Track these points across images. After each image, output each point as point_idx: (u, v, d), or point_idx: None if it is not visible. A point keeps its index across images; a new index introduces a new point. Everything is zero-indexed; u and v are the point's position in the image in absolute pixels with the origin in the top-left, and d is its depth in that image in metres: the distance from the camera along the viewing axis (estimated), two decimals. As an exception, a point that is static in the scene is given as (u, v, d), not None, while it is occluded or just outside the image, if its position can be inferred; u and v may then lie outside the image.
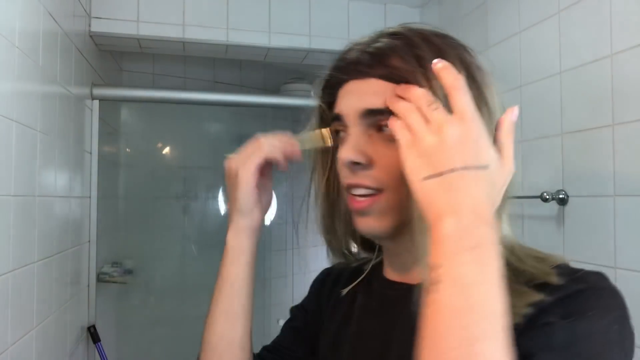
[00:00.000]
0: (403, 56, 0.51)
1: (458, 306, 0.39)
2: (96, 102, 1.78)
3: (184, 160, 2.76)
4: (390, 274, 0.62)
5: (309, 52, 2.00)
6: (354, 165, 0.53)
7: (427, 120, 0.45)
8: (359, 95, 0.53)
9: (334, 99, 0.58)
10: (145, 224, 2.51)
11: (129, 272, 2.13)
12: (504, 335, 0.38)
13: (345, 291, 0.66)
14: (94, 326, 1.76)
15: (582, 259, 1.24)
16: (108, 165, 2.16)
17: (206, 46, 1.93)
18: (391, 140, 0.50)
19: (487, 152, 0.45)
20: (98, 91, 1.79)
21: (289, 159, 0.63)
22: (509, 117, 0.50)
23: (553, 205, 1.32)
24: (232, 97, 2.14)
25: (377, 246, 0.65)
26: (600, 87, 1.19)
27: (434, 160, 0.43)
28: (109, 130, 2.17)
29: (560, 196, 1.29)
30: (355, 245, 0.66)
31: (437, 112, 0.44)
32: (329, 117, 0.60)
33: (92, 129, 1.77)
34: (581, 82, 1.25)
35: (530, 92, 1.44)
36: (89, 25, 1.74)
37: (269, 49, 1.97)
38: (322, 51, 1.99)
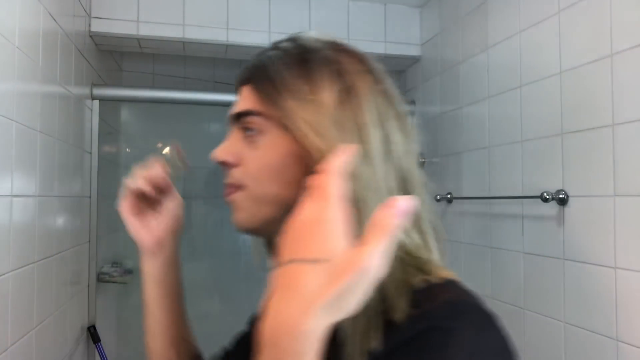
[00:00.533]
0: (270, 67, 0.54)
1: None
2: (96, 102, 1.79)
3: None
4: None
5: (309, 52, 2.00)
6: (222, 165, 0.56)
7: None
8: (236, 101, 0.58)
9: None
10: (145, 224, 2.50)
11: (129, 272, 2.13)
12: None
13: None
14: (94, 326, 1.76)
15: (582, 259, 1.24)
16: (108, 165, 2.16)
17: (206, 46, 1.93)
18: (254, 141, 0.53)
19: (327, 243, 0.35)
20: (98, 91, 1.79)
21: (159, 187, 0.68)
22: (388, 210, 0.34)
23: (553, 205, 1.32)
24: (232, 97, 2.13)
25: None
26: (600, 87, 1.19)
27: (280, 255, 0.37)
28: (109, 130, 2.17)
29: (560, 196, 1.29)
30: None
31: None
32: None
33: (92, 129, 1.77)
34: (581, 82, 1.25)
35: (530, 92, 1.44)
36: (89, 25, 1.74)
37: (269, 49, 1.97)
38: (322, 51, 1.99)
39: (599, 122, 1.19)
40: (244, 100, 0.56)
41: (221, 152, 0.56)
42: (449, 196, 1.85)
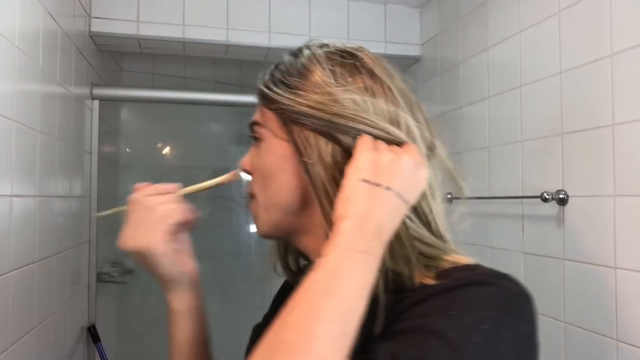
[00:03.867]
0: (276, 78, 0.54)
1: (317, 288, 0.40)
2: (96, 102, 1.78)
3: (183, 160, 2.76)
4: None
5: (309, 52, 2.00)
6: (246, 173, 0.59)
7: (389, 144, 0.50)
8: None
9: None
10: (145, 224, 2.50)
11: (129, 272, 2.13)
12: (346, 329, 0.39)
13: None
14: (94, 326, 1.76)
15: (582, 259, 1.24)
16: (108, 165, 2.16)
17: (206, 46, 1.93)
18: (259, 149, 0.56)
19: (416, 192, 0.50)
20: (98, 91, 1.79)
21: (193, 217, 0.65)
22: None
23: (553, 205, 1.32)
24: (232, 97, 2.14)
25: None
26: (600, 87, 1.19)
27: (380, 173, 0.47)
28: (109, 130, 2.17)
29: (560, 196, 1.29)
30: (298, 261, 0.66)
31: (395, 147, 0.51)
32: None
33: (92, 129, 1.77)
34: (581, 82, 1.25)
35: (530, 92, 1.44)
36: (89, 25, 1.74)
37: (269, 49, 1.97)
38: (322, 51, 1.99)
39: (599, 122, 1.19)
40: (256, 112, 0.58)
41: (243, 161, 0.59)
42: (449, 196, 1.84)
